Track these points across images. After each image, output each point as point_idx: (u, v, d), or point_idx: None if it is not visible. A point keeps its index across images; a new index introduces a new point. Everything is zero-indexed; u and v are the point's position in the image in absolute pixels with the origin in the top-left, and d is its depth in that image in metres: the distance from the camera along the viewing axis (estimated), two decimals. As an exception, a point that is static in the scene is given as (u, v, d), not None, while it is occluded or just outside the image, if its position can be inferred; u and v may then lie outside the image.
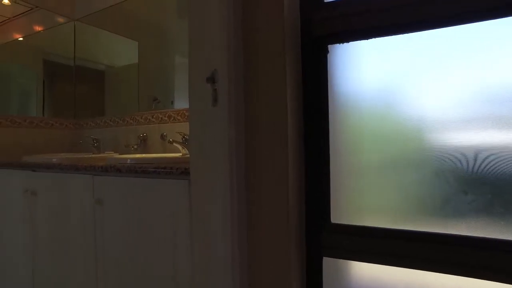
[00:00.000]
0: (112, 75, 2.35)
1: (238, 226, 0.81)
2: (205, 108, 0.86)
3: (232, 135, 0.80)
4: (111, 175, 1.27)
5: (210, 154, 0.86)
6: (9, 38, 2.57)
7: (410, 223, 0.81)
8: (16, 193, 1.67)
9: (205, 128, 0.87)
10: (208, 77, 0.84)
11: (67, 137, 2.30)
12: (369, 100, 0.86)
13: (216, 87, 0.83)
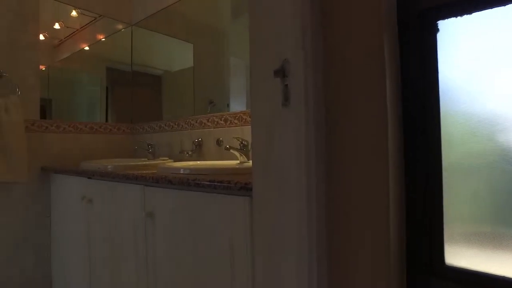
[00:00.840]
0: (168, 79, 2.30)
1: (317, 266, 0.60)
2: (272, 109, 0.67)
3: (309, 145, 0.60)
4: (162, 186, 1.14)
5: (279, 168, 0.66)
6: (77, 48, 2.65)
7: None
8: (75, 199, 1.63)
9: (273, 134, 0.68)
10: (277, 69, 0.64)
11: (125, 142, 2.29)
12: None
13: (287, 82, 0.64)
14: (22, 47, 1.83)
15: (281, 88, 0.65)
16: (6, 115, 1.65)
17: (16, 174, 1.67)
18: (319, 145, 0.62)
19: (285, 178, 0.65)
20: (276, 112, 0.67)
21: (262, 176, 0.72)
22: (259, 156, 0.74)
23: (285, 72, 0.64)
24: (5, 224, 1.74)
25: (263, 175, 0.72)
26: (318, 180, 0.61)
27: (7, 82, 1.75)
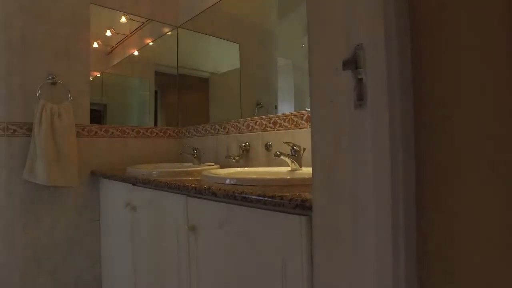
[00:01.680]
0: (215, 81, 2.23)
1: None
2: (340, 111, 0.52)
3: (396, 160, 0.44)
4: (205, 198, 1.03)
5: (350, 188, 0.51)
6: (127, 53, 2.69)
7: None
8: (120, 206, 1.60)
9: (340, 143, 0.53)
10: (347, 59, 0.49)
11: (171, 146, 2.25)
12: None
13: (361, 76, 0.48)
14: (75, 55, 1.86)
15: (352, 84, 0.50)
16: (59, 121, 1.67)
17: (68, 179, 1.68)
18: (408, 160, 0.46)
19: (360, 200, 0.49)
20: (345, 115, 0.52)
21: (327, 195, 0.57)
22: (321, 169, 0.59)
23: (359, 62, 0.48)
24: (60, 227, 1.77)
25: (328, 194, 0.57)
26: (407, 207, 0.45)
27: (61, 89, 1.78)
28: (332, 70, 0.55)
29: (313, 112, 0.60)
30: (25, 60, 1.69)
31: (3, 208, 1.62)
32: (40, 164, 1.60)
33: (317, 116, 0.59)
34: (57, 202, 1.76)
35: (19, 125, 1.66)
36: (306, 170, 1.27)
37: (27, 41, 1.70)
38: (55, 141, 1.65)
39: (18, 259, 1.64)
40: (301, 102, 1.57)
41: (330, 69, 0.56)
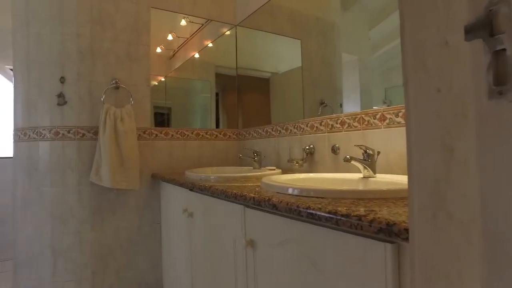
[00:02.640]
0: (276, 81, 2.11)
1: None
2: (456, 103, 0.35)
3: None
4: (265, 210, 0.91)
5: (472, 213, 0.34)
6: (188, 56, 2.71)
7: None
8: (178, 211, 1.56)
9: (454, 149, 0.36)
10: (474, 22, 0.32)
11: (231, 148, 2.18)
12: None
13: (503, 46, 0.31)
14: (136, 59, 1.88)
15: (484, 60, 0.32)
16: (121, 124, 1.69)
17: (130, 182, 1.69)
18: None
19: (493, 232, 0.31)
20: (467, 108, 0.34)
21: (432, 220, 0.40)
22: (421, 184, 0.42)
23: (497, 25, 0.31)
24: (124, 229, 1.79)
25: (433, 217, 0.40)
26: None
27: (123, 93, 1.80)
28: (437, 43, 0.38)
29: (410, 107, 0.43)
30: (92, 66, 1.74)
31: (75, 207, 1.68)
32: (104, 167, 1.63)
33: (415, 112, 0.42)
34: (121, 204, 1.79)
35: (87, 129, 1.72)
36: (381, 178, 1.07)
37: (94, 48, 1.75)
38: (118, 145, 1.67)
39: (88, 256, 1.70)
40: (368, 100, 1.40)
41: (435, 42, 0.39)
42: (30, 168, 1.69)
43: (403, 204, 0.68)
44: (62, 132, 1.68)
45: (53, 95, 1.68)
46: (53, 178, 1.67)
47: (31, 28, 1.72)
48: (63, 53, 1.70)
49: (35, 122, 1.69)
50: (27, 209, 1.69)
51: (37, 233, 1.67)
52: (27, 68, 1.72)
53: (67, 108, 1.69)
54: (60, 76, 1.68)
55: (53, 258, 1.66)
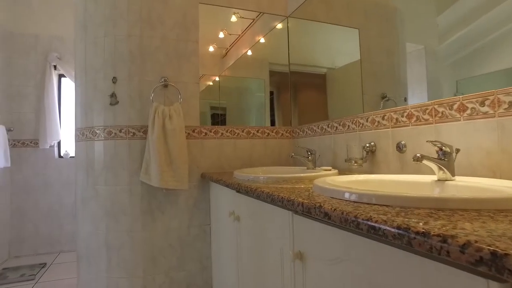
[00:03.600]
0: (332, 77, 1.94)
1: None
2: None
3: None
4: (316, 219, 0.76)
5: None
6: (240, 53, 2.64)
7: None
8: (226, 213, 1.47)
9: None
10: None
11: (284, 147, 2.05)
12: None
13: None
14: (185, 56, 1.85)
15: None
16: (169, 123, 1.66)
17: (178, 182, 1.65)
18: None
19: None
20: None
21: None
22: None
23: None
24: (173, 229, 1.77)
25: None
26: None
27: (172, 91, 1.78)
28: None
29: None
30: (141, 65, 1.74)
31: (127, 206, 1.69)
32: (153, 166, 1.61)
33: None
34: (170, 204, 1.77)
35: (137, 128, 1.72)
36: (463, 182, 0.86)
37: (143, 47, 1.75)
38: (167, 143, 1.65)
39: (139, 255, 1.70)
40: (436, 94, 1.18)
41: None
42: (87, 166, 1.74)
43: (507, 220, 0.49)
44: (114, 131, 1.70)
45: (106, 95, 1.71)
46: (107, 176, 1.70)
47: (88, 33, 1.78)
48: (115, 54, 1.72)
49: (91, 122, 1.74)
50: (86, 206, 1.75)
51: (94, 229, 1.72)
52: (84, 71, 1.78)
53: (119, 108, 1.71)
54: (112, 77, 1.71)
55: (107, 255, 1.69)
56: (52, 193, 3.11)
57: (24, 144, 3.07)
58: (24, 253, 3.04)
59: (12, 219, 3.01)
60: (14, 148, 3.02)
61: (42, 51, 3.12)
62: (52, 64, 3.11)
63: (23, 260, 2.90)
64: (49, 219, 3.10)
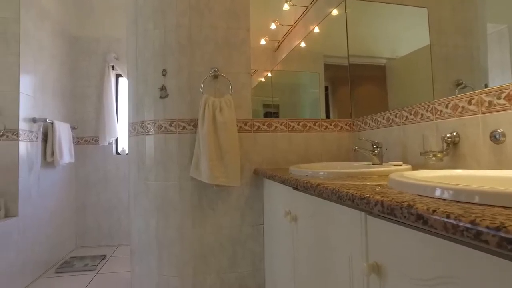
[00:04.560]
0: (394, 67, 1.72)
1: None
2: None
3: None
4: (400, 222, 0.59)
5: None
6: (293, 45, 2.50)
7: None
8: (280, 212, 1.34)
9: None
10: None
11: (343, 141, 1.86)
12: None
13: None
14: (235, 45, 1.74)
15: None
16: (220, 115, 1.56)
17: (229, 178, 1.55)
18: None
19: None
20: None
21: None
22: None
23: None
24: (224, 227, 1.68)
25: None
26: None
27: (223, 82, 1.69)
28: None
29: None
30: (191, 56, 1.67)
31: (176, 202, 1.64)
32: (203, 161, 1.53)
33: None
34: (221, 201, 1.67)
35: (187, 122, 1.66)
36: None
37: (193, 37, 1.68)
38: (217, 137, 1.55)
39: (189, 253, 1.63)
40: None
41: None
42: (138, 161, 1.72)
43: None
44: (164, 125, 1.66)
45: (156, 89, 1.66)
46: (157, 171, 1.66)
47: (138, 25, 1.75)
48: (164, 46, 1.67)
49: (142, 116, 1.71)
50: (137, 201, 1.73)
51: (145, 225, 1.69)
52: (135, 65, 1.76)
53: (169, 101, 1.66)
54: (162, 69, 1.66)
55: (158, 251, 1.65)
56: (111, 188, 3.23)
57: (86, 142, 3.22)
58: (88, 244, 3.20)
59: (77, 212, 3.19)
60: (77, 145, 3.19)
61: (102, 53, 3.26)
62: (110, 65, 3.23)
63: (87, 251, 3.05)
64: (108, 213, 3.23)
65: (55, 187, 2.75)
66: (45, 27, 2.62)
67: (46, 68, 2.63)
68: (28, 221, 2.31)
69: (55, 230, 2.74)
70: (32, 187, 2.36)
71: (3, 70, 2.19)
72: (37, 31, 2.49)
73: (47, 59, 2.65)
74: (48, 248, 2.62)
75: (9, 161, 2.16)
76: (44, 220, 2.55)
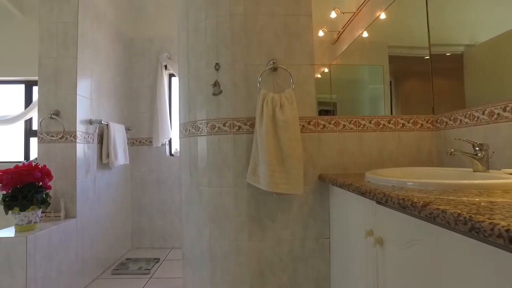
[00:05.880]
0: (472, 54, 1.39)
1: None
2: None
3: None
4: None
5: None
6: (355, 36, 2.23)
7: None
8: (357, 230, 1.10)
9: None
10: None
11: (424, 141, 1.56)
12: None
13: None
14: (296, 34, 1.53)
15: None
16: (281, 113, 1.36)
17: (291, 185, 1.34)
18: None
19: None
20: None
21: None
22: None
23: None
24: (284, 241, 1.47)
25: None
26: None
27: (282, 75, 1.48)
28: None
29: None
30: (247, 48, 1.50)
31: (231, 211, 1.47)
32: (262, 166, 1.34)
33: None
34: (282, 211, 1.47)
35: (243, 121, 1.48)
36: None
37: (248, 26, 1.50)
38: (278, 138, 1.35)
39: (245, 269, 1.46)
40: None
41: None
42: (190, 165, 1.58)
43: None
44: (217, 125, 1.50)
45: (209, 85, 1.51)
46: (210, 176, 1.50)
47: (189, 18, 1.62)
48: (217, 38, 1.51)
49: (194, 115, 1.57)
50: (190, 208, 1.59)
51: (197, 235, 1.55)
52: (187, 60, 1.62)
53: (222, 98, 1.50)
54: (215, 63, 1.50)
55: (211, 264, 1.50)
56: (164, 190, 3.20)
57: (141, 143, 3.23)
58: (143, 245, 3.20)
59: (133, 213, 3.20)
60: (132, 147, 3.20)
61: (155, 53, 3.24)
62: (163, 65, 3.20)
63: (142, 252, 3.04)
64: (162, 214, 3.20)
65: (110, 188, 2.76)
66: (101, 29, 2.63)
67: (101, 70, 2.64)
68: (86, 222, 2.32)
69: (111, 231, 2.76)
70: (89, 189, 2.37)
71: (62, 73, 2.20)
72: (94, 34, 2.50)
73: (102, 61, 2.67)
74: (105, 248, 2.63)
75: (68, 163, 2.17)
76: (100, 222, 2.56)
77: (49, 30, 2.22)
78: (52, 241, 1.91)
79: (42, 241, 1.82)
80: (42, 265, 1.81)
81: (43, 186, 1.87)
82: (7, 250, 1.68)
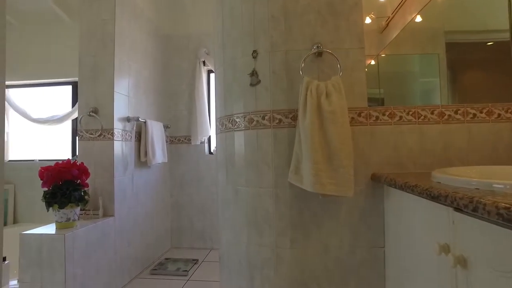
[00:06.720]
0: None
1: None
2: None
3: None
4: None
5: None
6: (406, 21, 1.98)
7: None
8: (426, 244, 0.90)
9: None
10: None
11: (502, 134, 1.30)
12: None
13: None
14: (343, 13, 1.34)
15: None
16: (327, 103, 1.18)
17: (340, 186, 1.16)
18: None
19: None
20: None
21: None
22: None
23: None
24: (331, 248, 1.30)
25: None
26: None
27: (329, 60, 1.31)
28: None
29: None
30: (287, 32, 1.34)
31: (272, 214, 1.32)
32: (305, 163, 1.18)
33: None
34: (329, 215, 1.30)
35: (284, 114, 1.32)
36: None
37: (288, 8, 1.34)
38: (324, 131, 1.18)
39: (287, 279, 1.31)
40: None
41: None
42: (226, 162, 1.46)
43: None
44: (256, 118, 1.35)
45: (246, 75, 1.37)
46: (248, 176, 1.37)
47: (224, 4, 1.49)
48: (254, 22, 1.37)
49: (230, 109, 1.45)
50: (226, 209, 1.47)
51: (234, 239, 1.42)
52: (223, 49, 1.50)
53: (261, 88, 1.35)
54: (252, 51, 1.36)
55: (249, 273, 1.36)
56: (204, 189, 3.13)
57: (180, 141, 3.19)
58: (182, 245, 3.16)
59: (172, 212, 3.17)
60: (171, 145, 3.17)
61: (193, 49, 3.19)
62: (201, 60, 3.13)
63: (181, 252, 3.00)
64: (201, 214, 3.14)
65: (148, 187, 2.73)
66: (138, 26, 2.61)
67: (139, 67, 2.61)
68: (124, 221, 2.30)
69: (150, 230, 2.73)
70: (126, 187, 2.35)
71: (100, 71, 2.19)
72: (131, 31, 2.48)
73: (140, 58, 2.64)
74: (144, 248, 2.61)
75: (106, 161, 2.16)
76: (139, 220, 2.54)
77: (88, 29, 2.22)
78: (90, 239, 1.89)
79: (80, 239, 1.80)
80: (80, 262, 1.79)
81: (81, 183, 1.85)
82: (48, 247, 1.68)
